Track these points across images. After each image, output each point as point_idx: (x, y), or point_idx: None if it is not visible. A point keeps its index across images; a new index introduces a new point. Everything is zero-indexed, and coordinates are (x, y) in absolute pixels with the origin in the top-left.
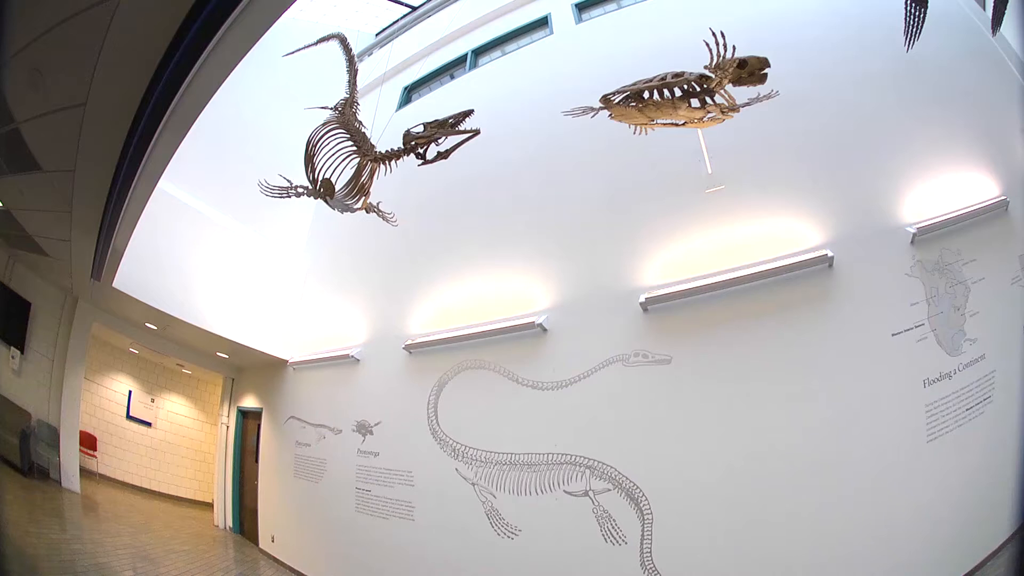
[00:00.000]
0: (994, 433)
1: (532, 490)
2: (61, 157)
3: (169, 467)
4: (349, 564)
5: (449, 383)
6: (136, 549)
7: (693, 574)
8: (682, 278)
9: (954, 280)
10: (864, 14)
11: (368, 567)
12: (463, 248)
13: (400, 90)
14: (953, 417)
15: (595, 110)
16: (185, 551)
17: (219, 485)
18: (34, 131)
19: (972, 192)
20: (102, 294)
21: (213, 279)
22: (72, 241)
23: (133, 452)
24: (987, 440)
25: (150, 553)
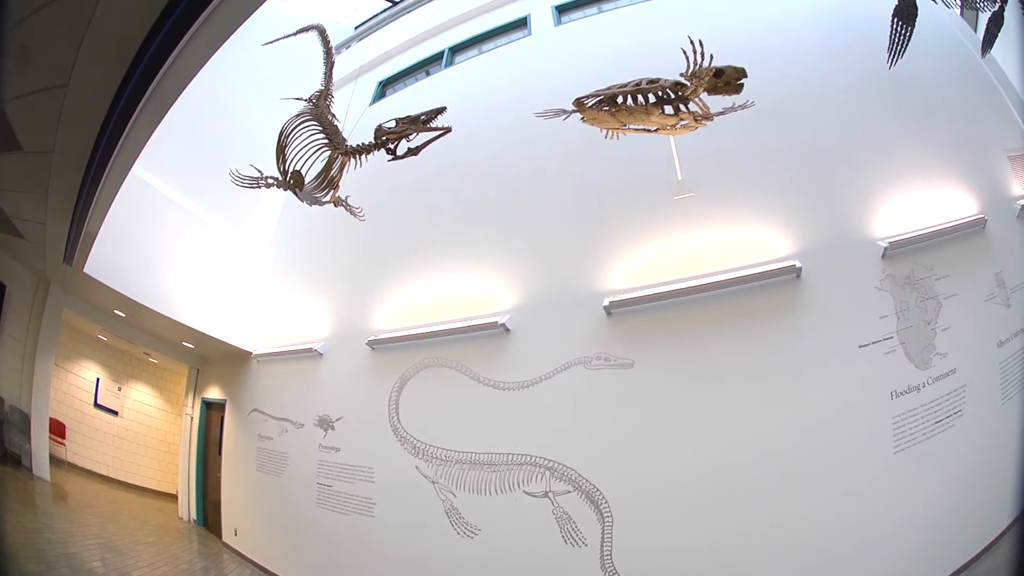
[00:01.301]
0: (964, 447)
1: (492, 490)
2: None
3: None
4: (310, 560)
5: (411, 380)
6: (104, 540)
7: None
8: (647, 283)
9: (925, 295)
10: (848, 29)
11: (329, 563)
12: (429, 245)
13: (375, 84)
14: (921, 430)
15: (567, 113)
16: (151, 543)
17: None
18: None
19: (949, 209)
20: (73, 279)
21: (181, 267)
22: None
23: (100, 441)
24: (957, 454)
25: (118, 544)
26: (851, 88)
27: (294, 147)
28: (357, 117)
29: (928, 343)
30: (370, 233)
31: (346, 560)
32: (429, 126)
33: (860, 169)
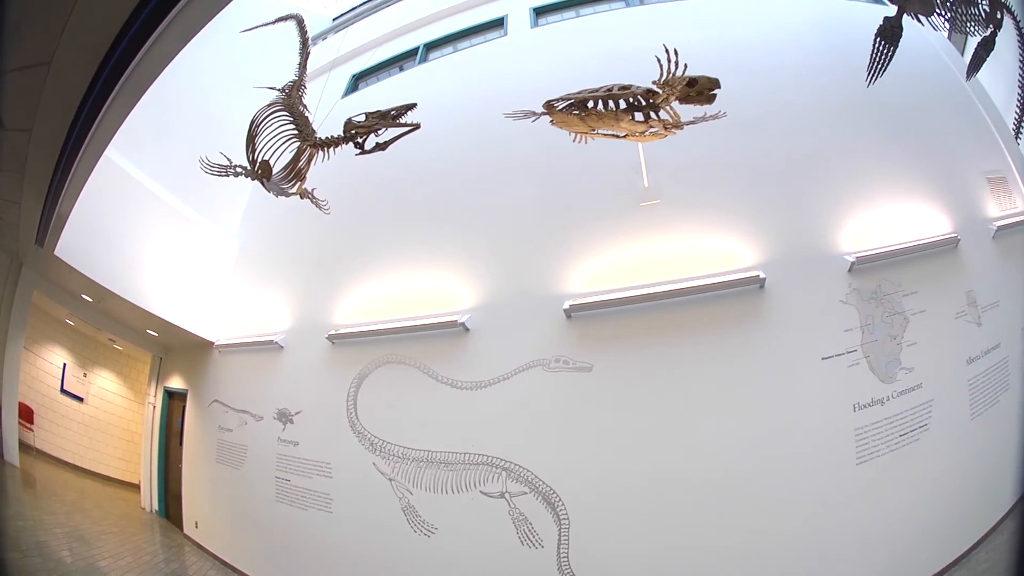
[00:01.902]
0: (930, 460)
1: (449, 489)
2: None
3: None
4: (269, 553)
5: (369, 376)
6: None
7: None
8: (609, 288)
9: (892, 310)
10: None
11: (288, 558)
12: (392, 241)
13: (349, 77)
14: (885, 442)
15: (537, 115)
16: (115, 533)
17: (145, 467)
18: None
19: (921, 227)
20: (44, 261)
21: (147, 253)
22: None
23: (66, 427)
24: (922, 467)
25: (84, 534)
26: (828, 104)
27: (264, 137)
28: (328, 109)
29: (893, 357)
30: (334, 227)
31: (305, 556)
32: (398, 122)
33: (831, 184)
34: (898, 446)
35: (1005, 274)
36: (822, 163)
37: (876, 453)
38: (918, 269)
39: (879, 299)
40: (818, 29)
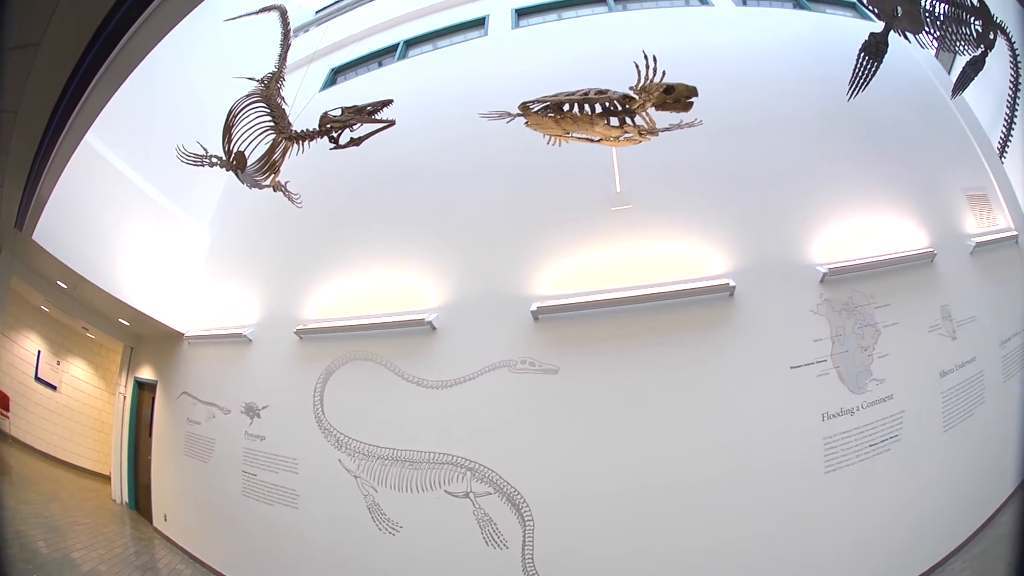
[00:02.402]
0: (901, 471)
1: (414, 487)
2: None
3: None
4: (236, 549)
5: (336, 372)
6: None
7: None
8: (577, 291)
9: (863, 321)
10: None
11: (254, 552)
12: (362, 236)
13: (327, 70)
14: (854, 452)
15: (512, 116)
16: (87, 524)
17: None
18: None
19: (897, 241)
20: (22, 246)
21: (121, 241)
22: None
23: (40, 416)
24: (892, 477)
25: (57, 524)
26: (807, 116)
27: (240, 127)
28: (305, 102)
29: (864, 368)
30: (306, 221)
31: (271, 551)
32: (374, 117)
33: (806, 195)
34: (868, 456)
35: (983, 290)
36: (798, 174)
37: (845, 462)
38: (892, 282)
39: (851, 310)
40: (802, 41)
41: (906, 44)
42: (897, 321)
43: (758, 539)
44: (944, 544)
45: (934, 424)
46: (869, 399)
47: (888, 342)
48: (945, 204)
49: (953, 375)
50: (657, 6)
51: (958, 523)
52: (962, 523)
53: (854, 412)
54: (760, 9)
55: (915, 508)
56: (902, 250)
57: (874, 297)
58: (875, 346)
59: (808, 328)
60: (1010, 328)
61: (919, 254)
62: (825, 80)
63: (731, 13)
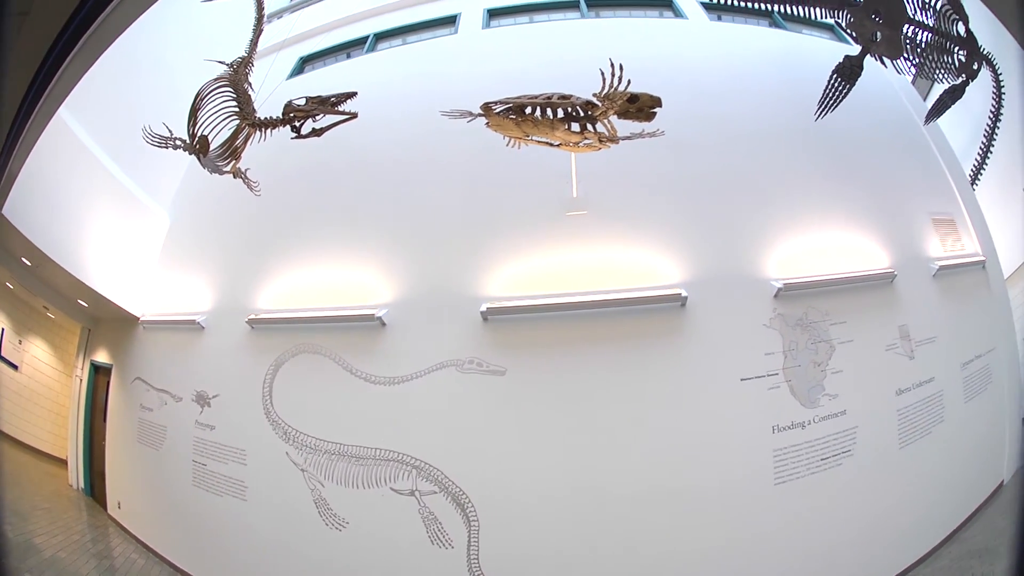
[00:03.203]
0: (853, 485)
1: (360, 483)
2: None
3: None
4: (186, 539)
5: (286, 364)
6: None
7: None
8: (528, 294)
9: (818, 337)
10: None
11: (204, 543)
12: (318, 227)
13: (296, 59)
14: (805, 465)
15: (474, 116)
16: (47, 509)
17: (72, 442)
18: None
19: (857, 259)
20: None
21: (85, 220)
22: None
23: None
24: (844, 491)
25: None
26: (774, 132)
27: (206, 111)
28: (272, 89)
29: (816, 383)
30: (263, 210)
31: (220, 542)
32: (337, 109)
33: (765, 210)
34: (819, 469)
35: (944, 312)
36: (760, 189)
37: (796, 475)
38: (849, 300)
39: (805, 326)
40: (774, 60)
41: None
42: (852, 339)
43: (706, 549)
44: (901, 559)
45: (889, 441)
46: (821, 414)
47: (843, 359)
48: (910, 226)
49: (910, 393)
50: (630, 16)
51: (915, 539)
52: (920, 538)
53: (805, 426)
54: (734, 25)
55: (869, 523)
56: (861, 269)
57: (829, 314)
58: (829, 362)
59: (760, 341)
60: (973, 350)
61: (879, 274)
62: (795, 99)
63: (704, 27)
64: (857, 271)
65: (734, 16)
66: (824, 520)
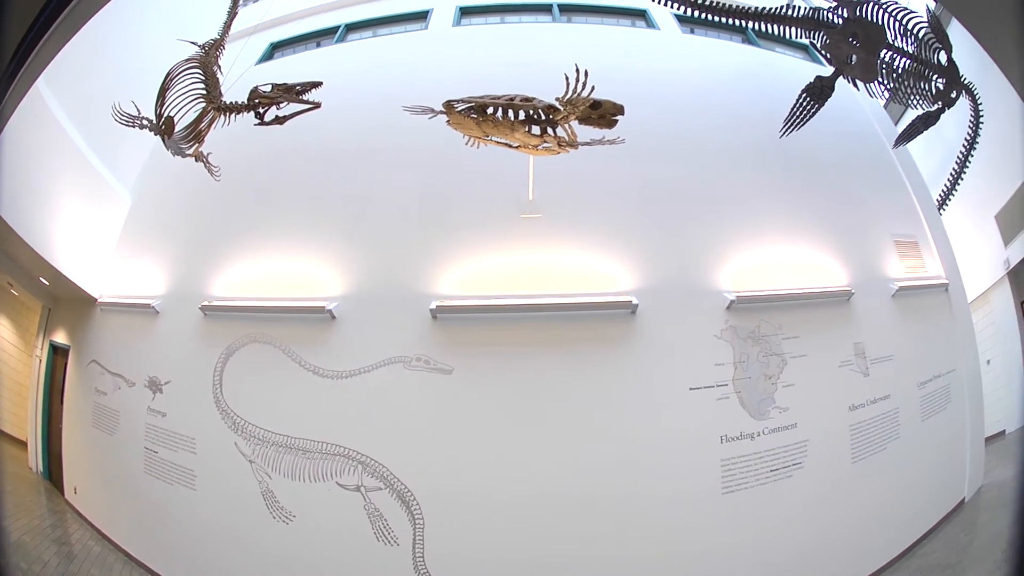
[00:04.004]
0: (803, 497)
1: (306, 477)
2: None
3: None
4: (137, 527)
5: (237, 353)
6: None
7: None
8: (478, 294)
9: (769, 351)
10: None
11: (155, 532)
12: (274, 216)
13: (267, 44)
14: (754, 475)
15: (435, 112)
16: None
17: (31, 424)
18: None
19: (814, 276)
20: None
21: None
22: None
23: None
24: (794, 503)
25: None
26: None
27: (174, 92)
28: (240, 73)
29: (767, 396)
30: (222, 195)
31: (170, 532)
32: (301, 98)
33: (722, 222)
34: (769, 480)
35: (903, 332)
36: (718, 201)
37: (744, 485)
38: (804, 315)
39: (756, 339)
40: (744, 76)
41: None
42: (806, 354)
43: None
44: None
45: (842, 455)
46: (771, 426)
47: (795, 373)
48: (871, 246)
49: (864, 410)
50: (602, 23)
51: (870, 552)
52: (875, 552)
53: (755, 437)
54: (707, 39)
55: (821, 535)
56: (818, 286)
57: (783, 328)
58: (780, 375)
59: (711, 352)
60: (931, 370)
61: (835, 291)
62: (763, 116)
63: (676, 40)
64: (813, 287)
65: (707, 30)
66: (775, 531)
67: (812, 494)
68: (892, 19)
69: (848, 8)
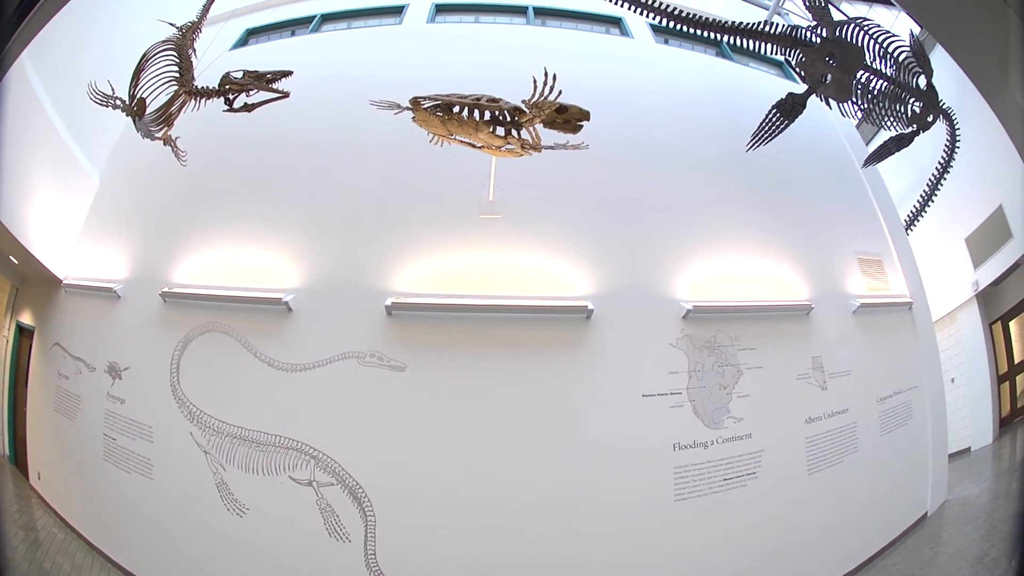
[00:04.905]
0: (757, 507)
1: (260, 469)
2: None
3: None
4: (99, 514)
5: (194, 341)
6: None
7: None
8: (434, 292)
9: (725, 361)
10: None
11: (113, 521)
12: (236, 205)
13: (243, 30)
14: (707, 483)
15: (402, 108)
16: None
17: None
18: None
19: (774, 289)
20: None
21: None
22: None
23: None
24: (747, 512)
25: None
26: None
27: (149, 73)
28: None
29: (721, 406)
30: (187, 181)
31: (127, 521)
32: (270, 86)
33: (682, 232)
34: (722, 489)
35: (862, 348)
36: (680, 211)
37: (697, 493)
38: (762, 327)
39: (712, 348)
40: (716, 88)
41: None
42: (762, 365)
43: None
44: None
45: (797, 467)
46: (725, 435)
47: (751, 384)
48: (834, 263)
49: (821, 422)
50: (576, 28)
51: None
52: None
53: (708, 446)
54: (680, 51)
55: (776, 543)
56: (777, 299)
57: (739, 339)
58: (735, 386)
59: (665, 360)
60: (892, 386)
61: (795, 305)
62: (732, 129)
63: (649, 49)
64: (772, 300)
65: (681, 42)
66: (728, 539)
67: (767, 504)
68: (873, 41)
69: (828, 28)
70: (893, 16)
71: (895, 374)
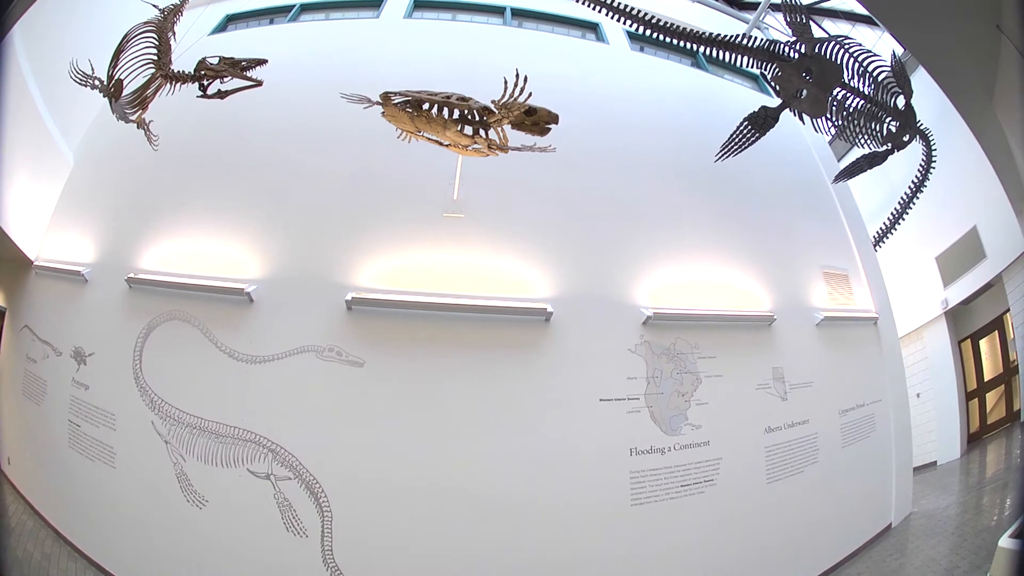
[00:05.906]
0: (714, 513)
1: (218, 461)
2: None
3: None
4: (64, 502)
5: (157, 329)
6: None
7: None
8: (395, 288)
9: (684, 368)
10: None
11: (78, 509)
12: (205, 192)
13: (223, 15)
14: (664, 489)
15: (372, 103)
16: None
17: None
18: None
19: (736, 299)
20: None
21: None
22: None
23: None
24: (705, 518)
25: None
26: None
27: (128, 54)
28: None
29: (679, 412)
30: (157, 166)
31: (90, 510)
32: (244, 74)
33: (646, 240)
34: (679, 495)
35: (825, 360)
36: (644, 218)
37: (654, 498)
38: (723, 337)
39: (671, 356)
40: (688, 97)
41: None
42: (722, 374)
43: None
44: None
45: (756, 475)
46: (683, 442)
47: (710, 392)
48: (798, 275)
49: (781, 432)
50: (552, 31)
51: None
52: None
53: (665, 452)
54: (655, 59)
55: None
56: (739, 309)
57: (699, 347)
58: (694, 393)
59: (624, 365)
60: (855, 399)
61: (756, 316)
62: (702, 139)
63: (625, 56)
64: (734, 310)
65: (657, 50)
66: (685, 544)
67: (724, 511)
68: (853, 59)
69: (808, 45)
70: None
71: (858, 387)
